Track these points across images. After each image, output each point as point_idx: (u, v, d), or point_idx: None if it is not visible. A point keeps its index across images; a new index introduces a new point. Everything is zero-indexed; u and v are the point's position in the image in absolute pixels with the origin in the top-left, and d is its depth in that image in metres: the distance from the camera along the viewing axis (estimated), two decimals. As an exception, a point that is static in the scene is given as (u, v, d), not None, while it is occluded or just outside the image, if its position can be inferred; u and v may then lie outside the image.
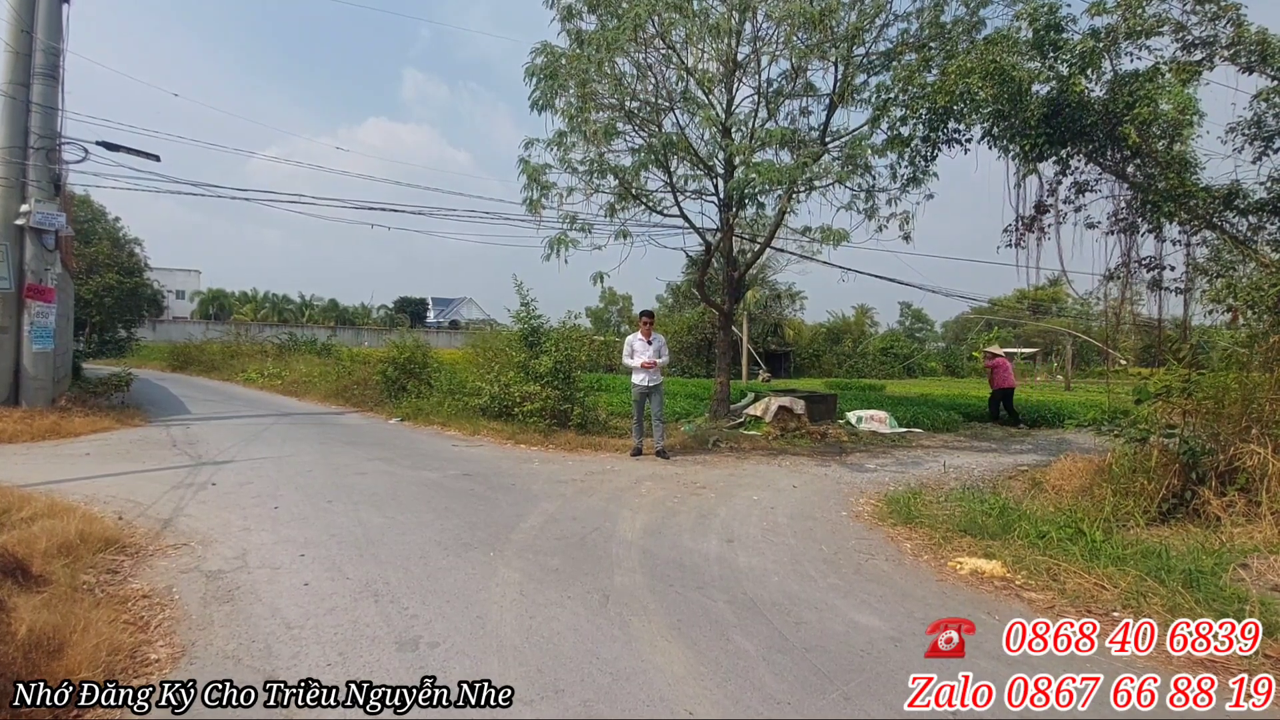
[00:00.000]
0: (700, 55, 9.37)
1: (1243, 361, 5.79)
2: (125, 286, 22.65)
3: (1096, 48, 6.60)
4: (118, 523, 4.56)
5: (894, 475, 7.65)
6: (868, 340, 41.31)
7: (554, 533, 4.89)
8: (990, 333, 46.84)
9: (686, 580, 4.00)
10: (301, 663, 2.81)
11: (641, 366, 8.28)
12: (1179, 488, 5.36)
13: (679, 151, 9.91)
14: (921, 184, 9.60)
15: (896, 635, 3.31)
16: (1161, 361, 6.55)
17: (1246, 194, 6.71)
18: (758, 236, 12.05)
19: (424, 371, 13.19)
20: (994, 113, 7.06)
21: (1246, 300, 5.53)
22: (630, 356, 8.45)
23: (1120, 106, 6.39)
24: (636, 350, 8.40)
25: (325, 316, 54.34)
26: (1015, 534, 4.75)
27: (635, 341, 8.48)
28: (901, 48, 9.28)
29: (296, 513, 5.17)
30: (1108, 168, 7.49)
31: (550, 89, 9.17)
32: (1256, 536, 4.56)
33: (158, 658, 2.79)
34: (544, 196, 9.92)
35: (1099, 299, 9.61)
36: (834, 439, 10.37)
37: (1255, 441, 5.14)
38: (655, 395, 8.44)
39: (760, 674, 2.86)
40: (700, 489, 6.57)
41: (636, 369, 8.35)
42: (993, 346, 13.99)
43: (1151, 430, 5.74)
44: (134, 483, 5.96)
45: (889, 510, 5.75)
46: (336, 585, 3.69)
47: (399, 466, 7.24)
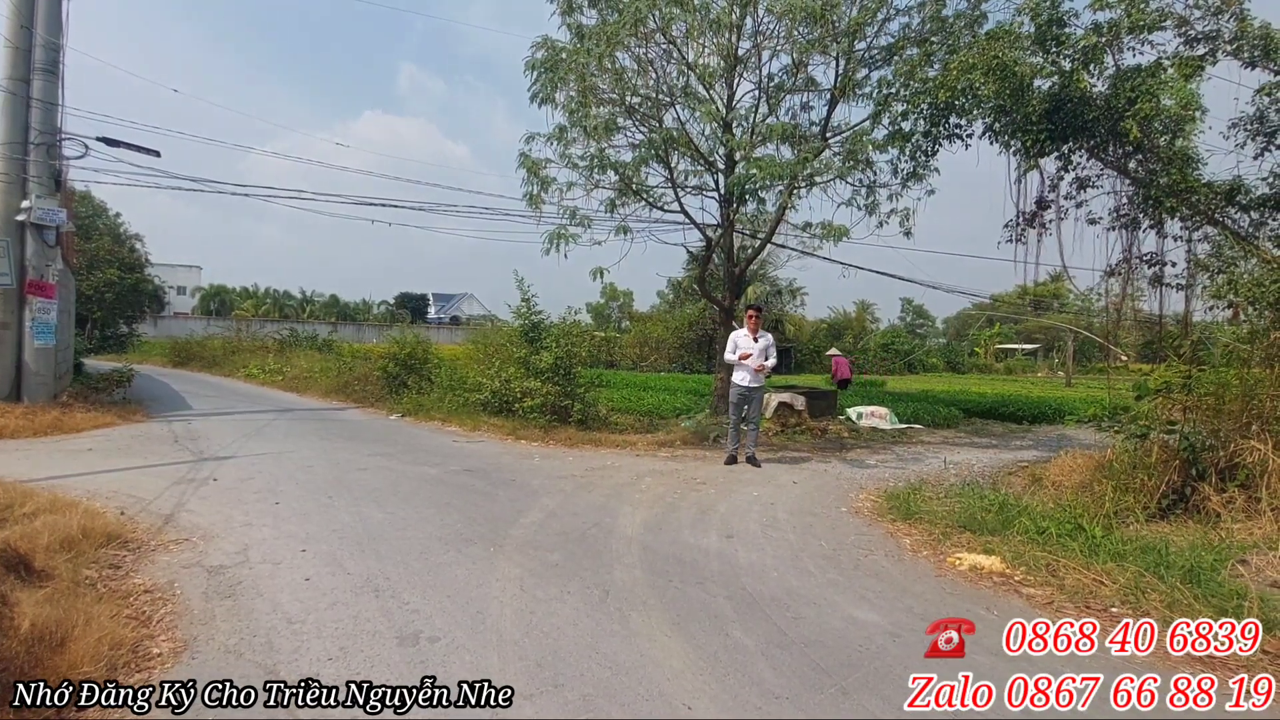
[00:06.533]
0: (701, 50, 9.36)
1: (1244, 358, 5.78)
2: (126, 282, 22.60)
3: (1099, 43, 6.58)
4: (120, 518, 4.58)
5: (894, 471, 7.66)
6: (868, 336, 41.32)
7: (554, 528, 4.90)
8: (992, 328, 46.98)
9: (686, 575, 4.01)
10: (303, 657, 2.82)
11: (741, 360, 7.49)
12: (1179, 484, 5.36)
13: (679, 147, 9.89)
14: (923, 179, 9.57)
15: (894, 631, 3.32)
16: (1162, 358, 6.54)
17: (1248, 190, 6.69)
18: (758, 232, 12.03)
19: (424, 367, 13.20)
20: (996, 108, 7.04)
21: (1248, 296, 5.52)
22: (733, 353, 7.63)
23: (1122, 102, 6.36)
24: (740, 346, 7.58)
25: (326, 312, 54.30)
26: (1015, 530, 4.76)
27: (740, 337, 7.69)
28: (903, 42, 9.25)
29: (297, 508, 5.18)
30: (1109, 163, 7.47)
31: (550, 83, 9.16)
32: (1256, 533, 4.56)
33: (160, 652, 2.80)
34: (544, 191, 9.93)
35: (1100, 295, 9.59)
36: (834, 435, 10.38)
37: (1256, 438, 5.14)
38: (755, 399, 7.66)
39: (759, 669, 2.87)
40: (700, 484, 6.58)
41: (740, 367, 7.56)
42: (833, 350, 16.24)
43: (1152, 426, 5.74)
44: (136, 478, 5.97)
45: (889, 506, 5.76)
46: (337, 580, 3.70)
47: (400, 462, 7.25)
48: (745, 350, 7.53)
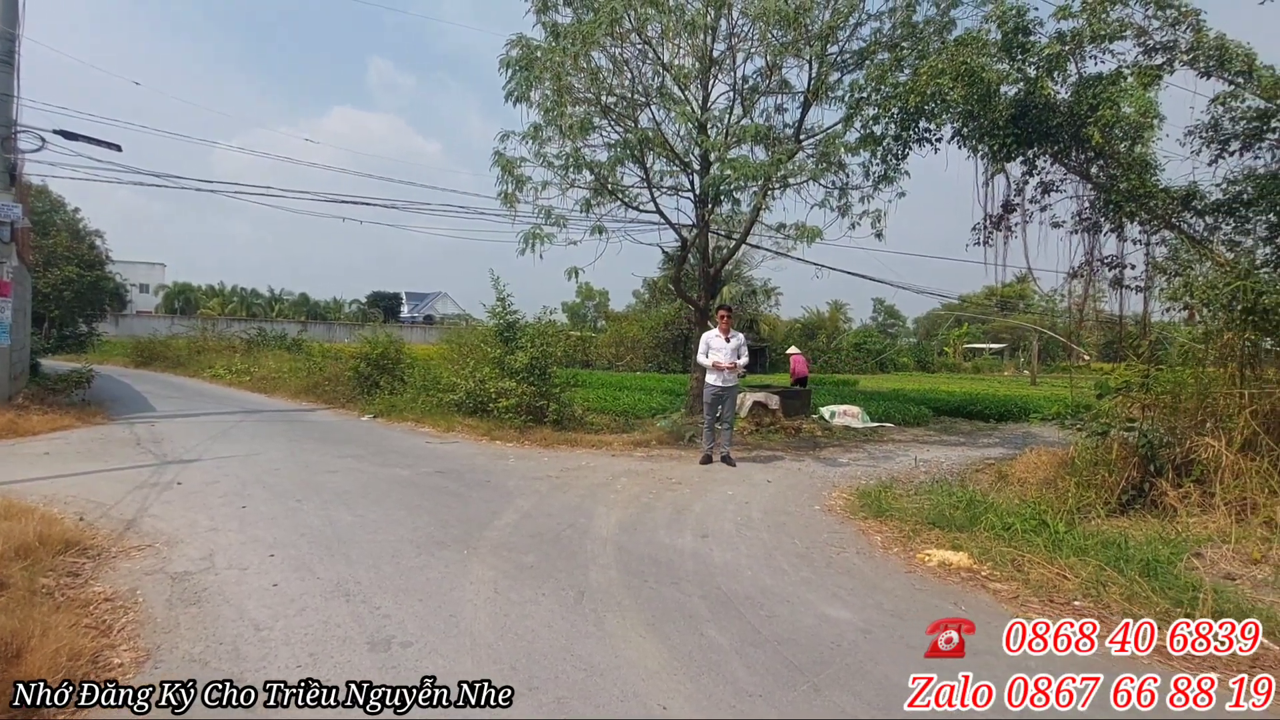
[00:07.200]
0: (676, 51, 9.38)
1: (1199, 358, 5.98)
2: (86, 280, 21.88)
3: (1062, 51, 6.74)
4: (78, 524, 4.44)
5: (866, 469, 7.77)
6: (842, 336, 41.81)
7: (529, 529, 4.88)
8: (960, 328, 47.90)
9: (661, 576, 4.03)
10: (270, 665, 2.77)
11: (714, 367, 7.52)
12: (1138, 480, 5.53)
13: (655, 147, 9.92)
14: (894, 182, 9.72)
15: (865, 627, 3.38)
16: (1122, 357, 6.74)
17: (1203, 195, 6.92)
18: (733, 233, 12.11)
19: (397, 367, 13.03)
20: (964, 113, 7.17)
21: (1202, 298, 5.69)
22: (705, 355, 7.65)
23: (1085, 109, 6.54)
24: (713, 348, 7.59)
25: (296, 311, 53.22)
26: (982, 526, 4.87)
27: (712, 339, 7.69)
28: (874, 47, 9.39)
29: (265, 512, 5.08)
30: (1072, 168, 7.66)
31: (525, 81, 9.11)
32: (1210, 526, 4.73)
33: (120, 662, 2.73)
34: (519, 190, 9.88)
35: (1063, 296, 9.83)
36: (808, 434, 10.49)
37: (1210, 435, 5.32)
38: (729, 399, 7.72)
39: (733, 667, 2.90)
40: (676, 484, 6.61)
41: (711, 369, 7.59)
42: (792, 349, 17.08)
43: (1112, 424, 5.91)
44: (96, 483, 5.80)
45: (860, 504, 5.84)
46: (306, 585, 3.64)
47: (371, 464, 7.15)
48: (717, 350, 7.58)
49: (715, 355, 7.59)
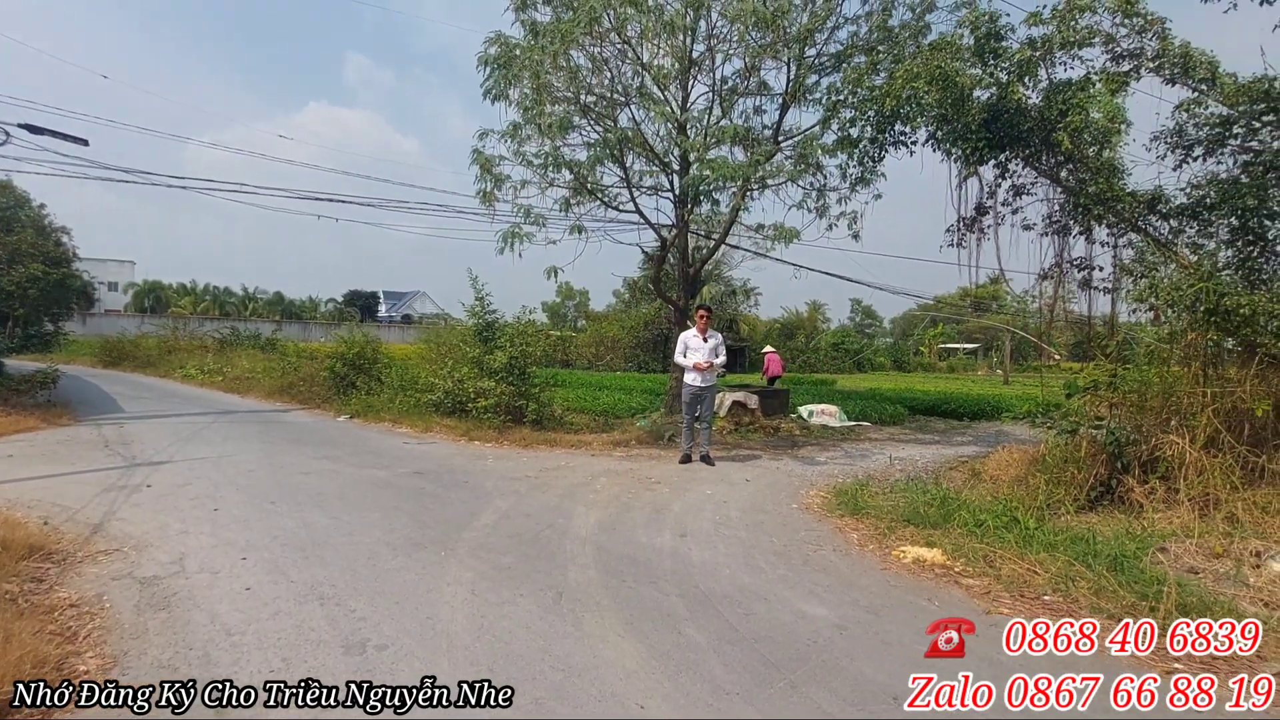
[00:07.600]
0: (655, 51, 9.38)
1: (1164, 357, 6.15)
2: (52, 277, 21.22)
3: (1033, 57, 6.88)
4: (43, 528, 4.34)
5: (843, 468, 7.86)
6: (820, 336, 42.20)
7: (507, 530, 4.86)
8: (935, 329, 48.60)
9: (640, 575, 4.03)
10: (243, 670, 2.73)
11: (694, 367, 7.51)
12: (1106, 476, 5.67)
13: (634, 147, 9.91)
14: (870, 184, 9.81)
15: (841, 623, 3.42)
16: (1091, 357, 6.89)
17: (1168, 199, 7.10)
18: (712, 233, 12.16)
19: (374, 367, 12.87)
20: (938, 116, 7.28)
21: (1167, 300, 5.84)
22: (683, 355, 7.65)
23: (1055, 114, 6.67)
24: (691, 348, 7.60)
25: (270, 310, 52.27)
26: (955, 523, 4.95)
27: (690, 338, 7.69)
28: (851, 50, 9.49)
29: (238, 515, 5.00)
30: (1043, 172, 7.81)
31: (504, 79, 9.05)
32: (1175, 521, 4.86)
33: (86, 669, 2.67)
34: (498, 189, 9.82)
35: (1034, 297, 10.03)
36: (786, 433, 10.57)
37: (1175, 432, 5.46)
38: (708, 398, 7.74)
39: (710, 666, 2.92)
40: (655, 484, 6.62)
41: (689, 369, 7.57)
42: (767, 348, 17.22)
43: (1081, 422, 6.04)
44: (62, 485, 5.66)
45: (837, 502, 5.91)
46: (280, 589, 3.59)
47: (347, 465, 7.07)
48: (695, 350, 7.61)
49: (693, 355, 7.62)
